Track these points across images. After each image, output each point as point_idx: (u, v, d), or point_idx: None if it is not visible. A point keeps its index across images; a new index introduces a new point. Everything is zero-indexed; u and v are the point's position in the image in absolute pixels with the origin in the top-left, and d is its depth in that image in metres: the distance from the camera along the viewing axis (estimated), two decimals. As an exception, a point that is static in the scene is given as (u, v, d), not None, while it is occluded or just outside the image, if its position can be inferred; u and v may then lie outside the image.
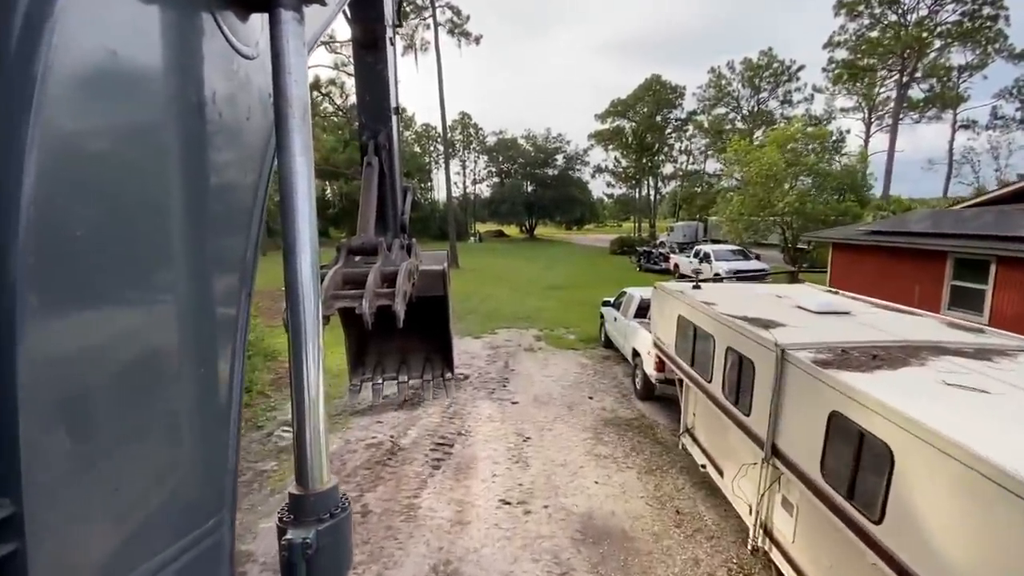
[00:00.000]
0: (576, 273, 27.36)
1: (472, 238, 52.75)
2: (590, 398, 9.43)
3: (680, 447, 6.97)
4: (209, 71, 0.98)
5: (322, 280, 1.70)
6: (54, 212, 0.70)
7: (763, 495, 4.64)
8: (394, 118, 2.47)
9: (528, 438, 7.82)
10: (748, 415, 4.79)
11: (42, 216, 0.67)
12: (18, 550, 0.66)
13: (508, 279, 24.67)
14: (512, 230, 63.21)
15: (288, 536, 1.04)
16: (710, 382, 5.63)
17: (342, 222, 42.80)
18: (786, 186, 21.42)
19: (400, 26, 2.67)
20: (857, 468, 3.43)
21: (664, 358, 7.54)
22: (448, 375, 2.60)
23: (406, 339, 2.51)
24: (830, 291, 7.05)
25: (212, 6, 0.97)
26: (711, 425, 6.07)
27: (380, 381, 2.66)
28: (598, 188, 66.44)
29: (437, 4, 32.08)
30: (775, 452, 4.35)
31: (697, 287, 7.00)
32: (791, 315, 5.38)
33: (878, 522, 3.17)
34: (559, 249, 44.38)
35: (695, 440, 6.57)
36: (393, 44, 2.44)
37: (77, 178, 0.74)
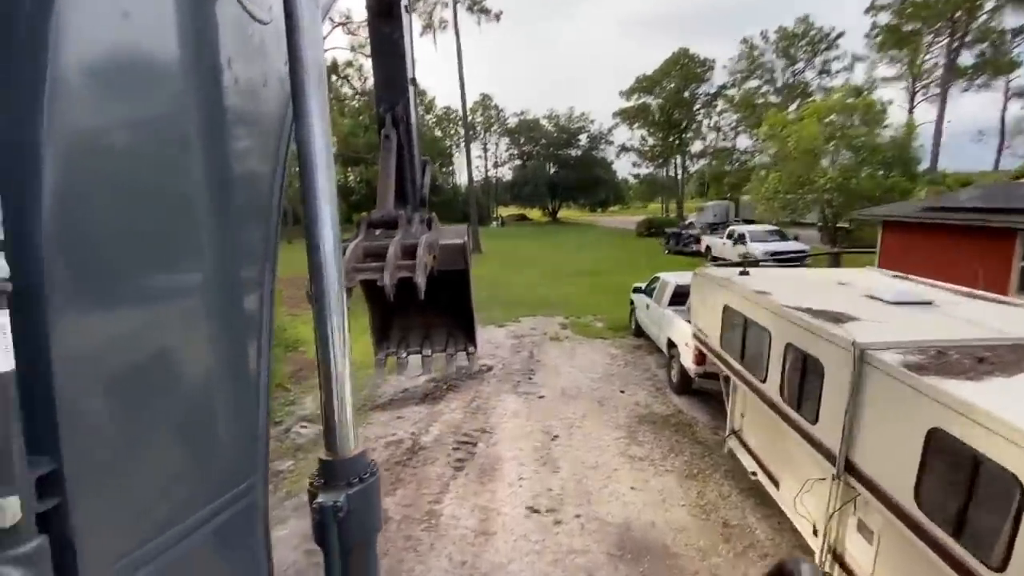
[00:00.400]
0: (602, 257, 26.56)
1: (494, 222, 52.13)
2: (622, 392, 8.86)
3: (726, 450, 6.36)
4: (224, 36, 0.97)
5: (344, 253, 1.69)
6: (85, 164, 0.73)
7: (832, 516, 4.03)
8: (411, 89, 2.46)
9: (556, 436, 7.32)
10: (814, 423, 4.15)
11: (74, 176, 0.71)
12: (60, 504, 0.70)
13: (532, 264, 24.05)
14: (535, 213, 62.26)
15: (319, 500, 1.06)
16: (764, 382, 4.98)
17: (364, 207, 42.62)
18: (824, 162, 20.12)
19: None
20: (968, 499, 2.80)
21: (706, 351, 6.89)
22: (471, 349, 2.58)
23: (429, 314, 2.55)
24: (900, 276, 6.26)
25: None
26: (764, 430, 5.43)
27: (404, 355, 2.65)
28: (623, 169, 64.86)
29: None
30: (849, 469, 3.72)
31: (744, 273, 6.29)
32: (863, 306, 4.67)
33: (999, 569, 2.56)
34: (584, 232, 43.41)
35: (744, 444, 5.94)
36: (408, 12, 2.43)
37: (96, 149, 0.75)
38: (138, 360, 0.85)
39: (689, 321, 8.51)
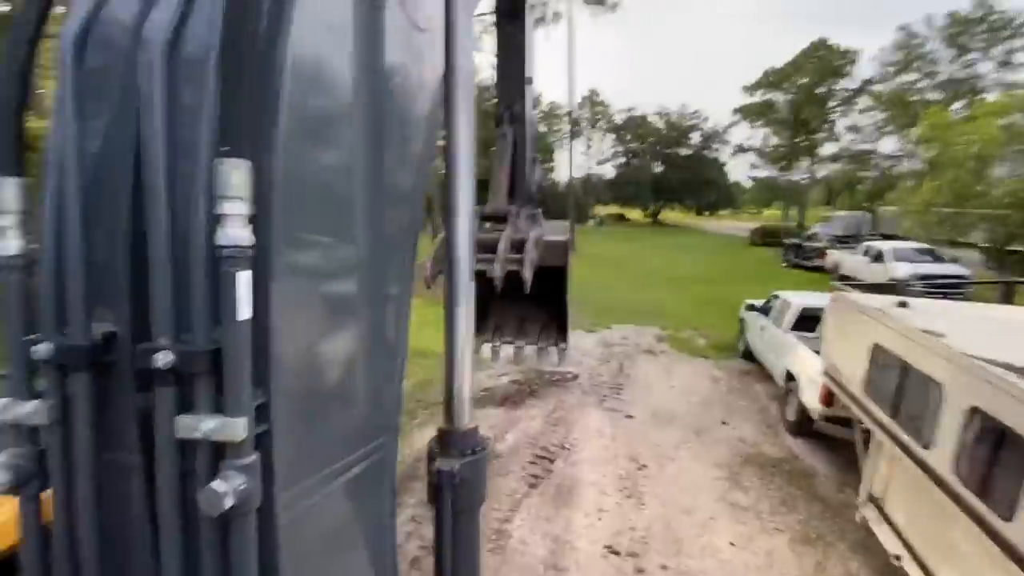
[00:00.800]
0: (708, 265, 24.57)
1: (591, 220, 50.80)
2: (724, 423, 7.80)
3: (858, 518, 5.20)
4: (392, 43, 1.07)
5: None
6: (300, 151, 0.87)
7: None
8: (528, 89, 2.54)
9: (644, 466, 6.54)
10: (1008, 519, 3.07)
11: (292, 161, 0.85)
12: (267, 431, 0.85)
13: (629, 267, 22.85)
14: (635, 214, 59.79)
15: (438, 464, 1.20)
16: (928, 449, 3.88)
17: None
18: (998, 170, 16.67)
19: None
20: None
21: (839, 393, 5.72)
22: (563, 344, 2.61)
23: (524, 306, 2.59)
24: None
25: None
26: (921, 507, 4.28)
27: (498, 343, 2.68)
28: (736, 171, 59.81)
29: (573, -29, 30.28)
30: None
31: (903, 305, 5.06)
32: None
33: None
34: (688, 236, 40.79)
35: (886, 518, 4.77)
36: (531, 14, 2.52)
37: (309, 137, 0.89)
38: (321, 321, 0.97)
39: (817, 352, 7.25)
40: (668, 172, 53.98)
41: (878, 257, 18.39)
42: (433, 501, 1.19)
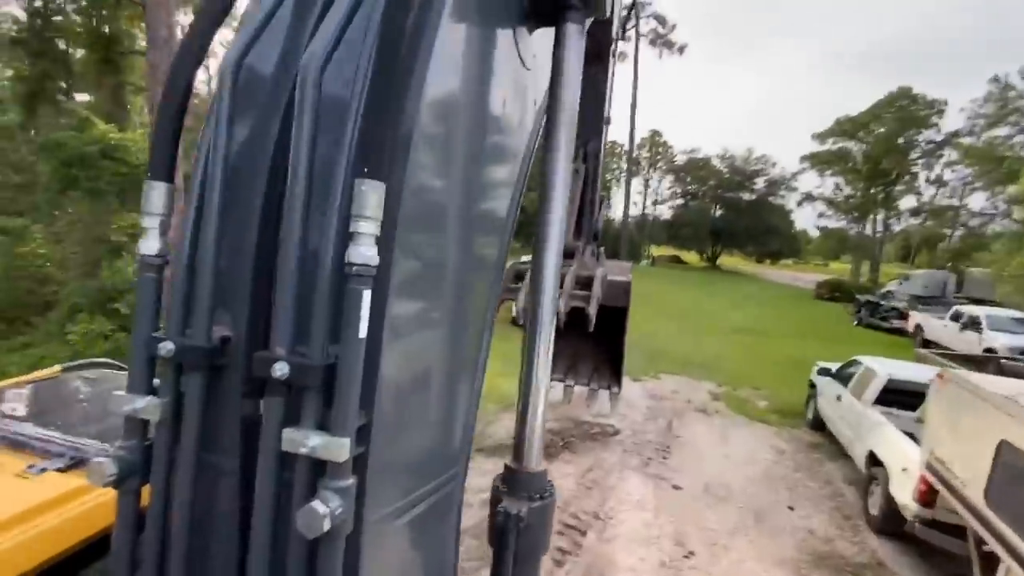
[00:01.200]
0: (770, 317, 22.88)
1: (644, 260, 49.49)
2: (790, 508, 6.66)
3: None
4: (503, 79, 1.11)
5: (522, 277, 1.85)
6: (415, 201, 0.90)
7: None
8: (604, 129, 2.56)
9: (691, 553, 5.56)
10: None
11: (408, 209, 0.88)
12: (364, 452, 0.84)
13: (681, 313, 21.58)
14: (690, 257, 57.86)
15: (504, 505, 1.16)
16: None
17: (519, 233, 43.98)
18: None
19: (622, 39, 2.71)
20: None
21: (946, 493, 4.62)
22: (615, 389, 2.50)
23: (578, 345, 2.52)
24: None
25: (514, 24, 1.11)
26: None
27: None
28: (803, 219, 57.03)
29: (642, 14, 30.41)
30: None
31: (1043, 395, 4.01)
32: None
33: None
34: (747, 284, 38.69)
35: None
36: (614, 57, 2.53)
37: (425, 178, 0.93)
38: (418, 344, 0.98)
39: (910, 435, 6.11)
40: (729, 216, 52.03)
41: (971, 324, 16.34)
42: (494, 543, 1.17)
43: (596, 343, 2.55)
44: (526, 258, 2.00)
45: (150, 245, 0.91)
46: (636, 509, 6.35)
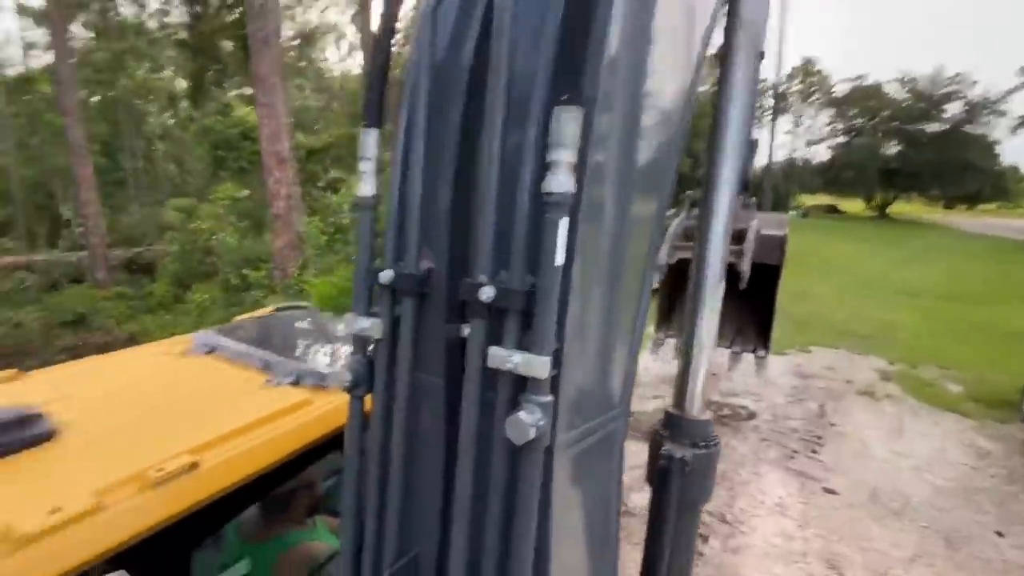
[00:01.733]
0: (962, 276, 18.42)
1: (793, 211, 43.32)
2: (999, 535, 5.00)
3: None
4: (674, 8, 1.09)
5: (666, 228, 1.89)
6: (600, 132, 0.90)
7: None
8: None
9: (851, 581, 4.38)
10: None
11: (597, 139, 0.90)
12: (557, 375, 0.89)
13: (840, 272, 18.24)
14: (852, 205, 49.38)
15: (669, 449, 1.23)
16: None
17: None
18: None
19: None
20: None
21: None
22: (761, 352, 2.39)
23: (723, 304, 2.19)
24: None
25: None
26: None
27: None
28: (1015, 152, 45.21)
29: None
30: None
31: None
32: None
33: None
34: (932, 235, 31.84)
35: None
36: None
37: (608, 110, 0.92)
38: (598, 277, 1.01)
39: None
40: (908, 153, 42.94)
41: None
42: (657, 488, 1.21)
43: (740, 303, 2.36)
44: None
45: (367, 187, 1.04)
46: (774, 514, 5.24)
